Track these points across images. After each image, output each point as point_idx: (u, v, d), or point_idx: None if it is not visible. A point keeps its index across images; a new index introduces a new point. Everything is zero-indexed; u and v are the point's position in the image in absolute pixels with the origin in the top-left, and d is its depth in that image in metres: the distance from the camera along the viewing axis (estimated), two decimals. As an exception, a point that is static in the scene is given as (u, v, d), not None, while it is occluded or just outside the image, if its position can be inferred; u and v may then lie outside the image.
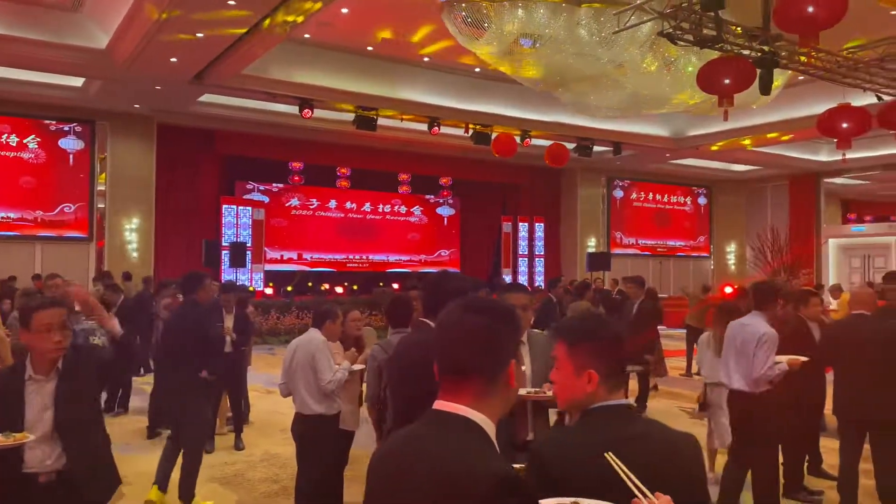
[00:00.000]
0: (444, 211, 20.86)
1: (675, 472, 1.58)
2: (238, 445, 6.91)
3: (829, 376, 5.43)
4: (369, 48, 12.61)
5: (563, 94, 10.46)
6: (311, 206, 18.72)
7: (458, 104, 14.06)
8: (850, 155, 11.52)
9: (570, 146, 15.67)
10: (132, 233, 14.24)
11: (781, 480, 5.55)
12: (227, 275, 14.82)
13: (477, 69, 13.23)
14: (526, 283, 18.35)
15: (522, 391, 3.18)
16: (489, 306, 1.51)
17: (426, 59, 13.08)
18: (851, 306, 5.04)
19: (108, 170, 14.13)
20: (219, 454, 6.61)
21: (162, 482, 5.32)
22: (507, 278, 19.15)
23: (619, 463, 1.49)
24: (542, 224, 20.41)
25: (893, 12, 9.12)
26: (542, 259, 20.41)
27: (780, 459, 5.55)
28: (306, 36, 11.81)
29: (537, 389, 3.34)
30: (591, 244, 20.26)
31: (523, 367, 3.29)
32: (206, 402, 5.68)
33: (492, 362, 1.45)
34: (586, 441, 1.61)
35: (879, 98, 9.34)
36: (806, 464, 5.86)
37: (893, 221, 19.54)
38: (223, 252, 15.26)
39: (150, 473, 5.42)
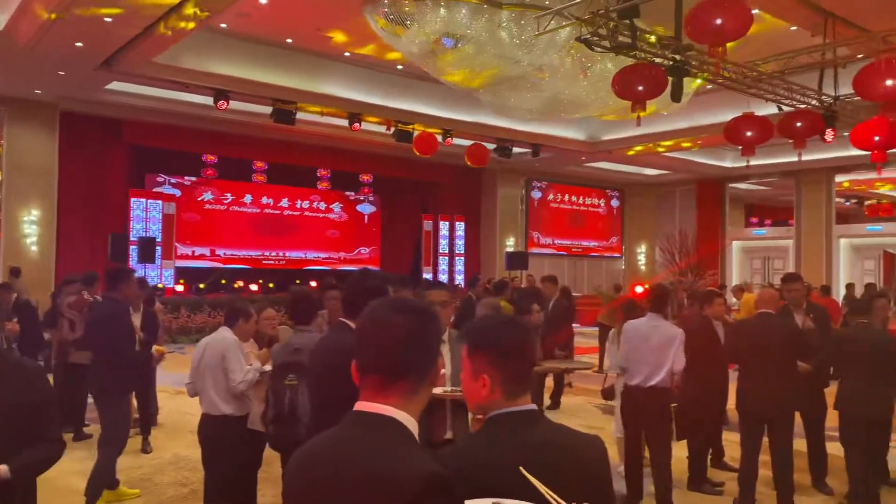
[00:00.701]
0: (365, 208, 20.69)
1: (580, 477, 1.57)
2: (145, 448, 6.67)
3: (732, 373, 5.71)
4: (289, 40, 12.36)
5: (482, 94, 10.56)
6: (226, 201, 18.17)
7: (379, 101, 13.96)
8: (752, 162, 12.09)
9: (491, 147, 15.85)
10: (31, 225, 13.46)
11: (686, 473, 5.81)
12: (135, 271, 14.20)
13: (399, 66, 13.18)
14: (446, 282, 18.45)
15: (439, 390, 3.19)
16: (414, 305, 1.51)
17: (347, 53, 12.93)
18: (758, 305, 5.31)
19: (5, 158, 13.29)
20: (125, 457, 6.26)
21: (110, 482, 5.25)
22: (428, 276, 19.21)
23: (532, 477, 1.46)
24: (462, 223, 20.58)
25: (793, 28, 9.66)
26: (463, 258, 20.58)
27: (685, 453, 5.81)
28: (223, 26, 11.47)
29: (455, 388, 3.35)
30: (510, 243, 20.58)
31: (443, 371, 3.30)
32: (126, 399, 5.45)
33: (424, 362, 1.45)
34: (489, 451, 1.58)
35: (780, 108, 9.85)
36: (709, 457, 6.14)
37: (791, 225, 20.66)
38: (131, 247, 14.61)
39: (52, 479, 5.11)
